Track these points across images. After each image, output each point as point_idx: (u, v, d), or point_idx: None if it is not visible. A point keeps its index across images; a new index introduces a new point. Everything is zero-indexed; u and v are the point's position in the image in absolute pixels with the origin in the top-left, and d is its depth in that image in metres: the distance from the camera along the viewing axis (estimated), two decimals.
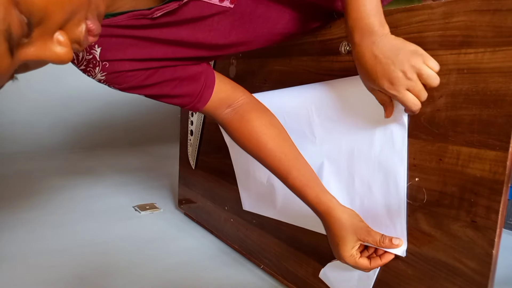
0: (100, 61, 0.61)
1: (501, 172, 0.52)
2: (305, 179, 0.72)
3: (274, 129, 0.76)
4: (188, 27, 0.63)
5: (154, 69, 0.66)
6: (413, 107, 0.56)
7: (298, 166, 0.74)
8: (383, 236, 0.65)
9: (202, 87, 0.71)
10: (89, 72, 0.63)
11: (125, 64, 0.63)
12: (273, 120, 0.78)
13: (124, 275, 1.06)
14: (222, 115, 0.76)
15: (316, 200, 0.70)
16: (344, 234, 0.67)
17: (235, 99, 0.76)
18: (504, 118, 0.52)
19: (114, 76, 0.64)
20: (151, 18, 0.58)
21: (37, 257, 1.14)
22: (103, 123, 2.82)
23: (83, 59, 0.61)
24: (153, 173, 2.13)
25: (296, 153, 0.76)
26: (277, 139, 0.75)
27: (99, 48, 0.60)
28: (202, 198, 1.34)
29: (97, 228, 1.38)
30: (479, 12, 0.54)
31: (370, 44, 0.56)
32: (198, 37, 0.64)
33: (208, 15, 0.62)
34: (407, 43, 0.55)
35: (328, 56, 0.78)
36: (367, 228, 0.67)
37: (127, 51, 0.62)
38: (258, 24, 0.70)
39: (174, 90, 0.70)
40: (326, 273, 0.82)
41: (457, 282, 0.58)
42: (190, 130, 1.37)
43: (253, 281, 1.04)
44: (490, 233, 0.54)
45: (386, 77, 0.55)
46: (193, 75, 0.71)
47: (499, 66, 0.52)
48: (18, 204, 1.57)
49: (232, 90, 0.76)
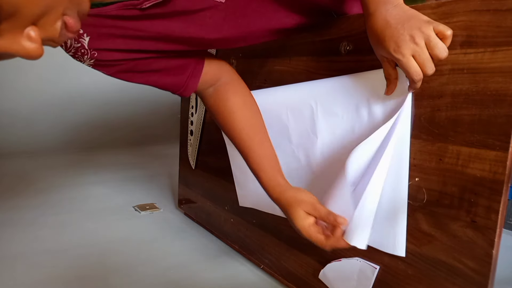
0: (89, 49, 0.62)
1: (501, 172, 0.52)
2: (264, 162, 0.75)
3: (248, 111, 0.79)
4: (179, 20, 0.62)
5: (142, 59, 0.67)
6: (415, 75, 0.54)
7: (260, 149, 0.76)
8: (328, 212, 0.64)
9: (188, 77, 0.73)
10: (78, 58, 0.64)
11: (113, 54, 0.64)
12: (248, 102, 0.80)
13: (124, 275, 1.06)
14: (204, 93, 0.79)
15: (269, 183, 0.73)
16: (292, 210, 0.68)
17: (218, 79, 0.78)
18: (504, 118, 0.52)
19: (102, 63, 0.65)
20: (140, 9, 0.58)
21: (37, 257, 1.14)
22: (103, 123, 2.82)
23: (72, 47, 0.61)
24: (153, 173, 2.13)
25: (263, 137, 0.78)
26: (247, 120, 0.78)
27: (87, 37, 0.61)
28: (202, 198, 1.34)
29: (97, 228, 1.38)
30: (479, 12, 0.54)
31: (384, 12, 0.55)
32: (190, 31, 0.64)
33: (199, 9, 0.62)
34: (421, 14, 0.55)
35: (328, 56, 0.78)
36: (313, 203, 0.67)
37: (116, 41, 0.62)
38: (251, 20, 0.69)
39: (160, 79, 0.72)
40: (326, 273, 0.82)
41: (457, 282, 0.58)
42: (190, 130, 1.37)
43: (253, 281, 1.04)
44: (490, 233, 0.54)
45: (394, 40, 0.54)
46: (180, 65, 0.72)
47: (499, 66, 0.52)
48: (18, 204, 1.57)
49: (217, 71, 0.78)
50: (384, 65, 0.61)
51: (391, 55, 0.55)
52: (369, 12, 0.57)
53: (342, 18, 0.75)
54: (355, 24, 0.72)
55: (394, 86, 0.62)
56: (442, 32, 0.52)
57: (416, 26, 0.53)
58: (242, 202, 1.09)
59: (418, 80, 0.55)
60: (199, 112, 1.29)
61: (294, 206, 0.67)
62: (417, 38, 0.52)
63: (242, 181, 1.07)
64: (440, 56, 0.53)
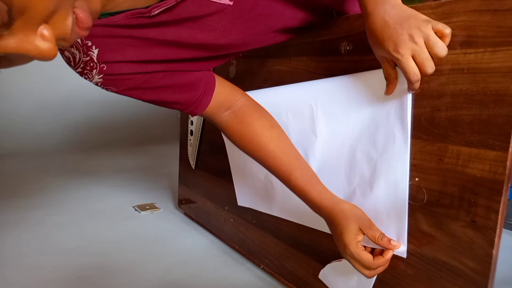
0: (98, 63, 0.60)
1: (501, 172, 0.52)
2: (308, 178, 0.73)
3: (274, 131, 0.76)
4: (187, 27, 0.62)
5: (153, 73, 0.65)
6: (412, 76, 0.54)
7: (300, 166, 0.74)
8: (382, 234, 0.65)
9: (201, 95, 0.71)
10: (86, 74, 0.61)
11: (123, 67, 0.62)
12: (272, 122, 0.78)
13: (124, 275, 1.06)
14: (221, 118, 0.76)
15: (319, 197, 0.70)
16: (347, 222, 0.66)
17: (234, 102, 0.75)
18: (504, 118, 0.52)
19: (111, 78, 0.63)
20: (149, 17, 0.57)
21: (37, 257, 1.14)
22: (103, 123, 2.82)
23: (80, 61, 0.59)
24: (153, 173, 2.13)
25: (296, 154, 0.76)
26: (277, 140, 0.75)
27: (96, 50, 0.59)
28: (202, 198, 1.34)
29: (97, 228, 1.38)
30: (479, 12, 0.54)
31: (382, 12, 0.55)
32: (198, 38, 0.64)
33: (207, 14, 0.61)
34: (419, 13, 0.54)
35: (328, 56, 0.78)
36: (370, 221, 0.67)
37: (125, 52, 0.61)
38: (258, 22, 0.69)
39: (172, 96, 0.69)
40: (326, 274, 0.82)
41: (457, 282, 0.58)
42: (190, 130, 1.37)
43: (253, 281, 1.04)
44: (490, 233, 0.54)
45: (393, 40, 0.54)
46: (192, 82, 0.70)
47: (499, 66, 0.52)
48: (18, 204, 1.57)
49: (231, 93, 0.76)
50: (384, 65, 0.61)
51: (391, 54, 0.55)
52: (367, 12, 0.57)
53: (342, 18, 0.75)
54: (355, 24, 0.72)
55: (394, 86, 0.62)
56: (441, 30, 0.52)
57: (415, 25, 0.53)
58: (241, 202, 1.09)
59: (415, 81, 0.55)
60: None
61: (351, 219, 0.66)
62: (416, 37, 0.52)
63: (241, 181, 1.07)
64: (440, 55, 0.53)
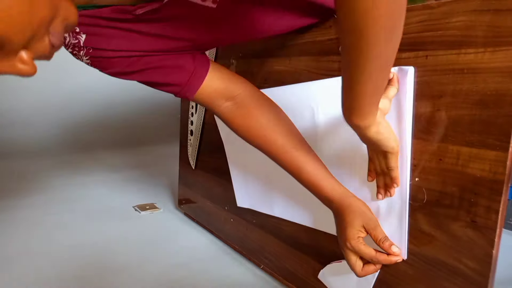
0: (84, 46, 0.64)
1: (501, 172, 0.52)
2: (320, 172, 0.71)
3: (283, 124, 0.74)
4: (171, 24, 0.64)
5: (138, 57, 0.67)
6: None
7: (311, 160, 0.72)
8: (386, 237, 0.65)
9: (190, 76, 0.71)
10: (76, 55, 0.65)
11: (108, 53, 0.65)
12: (280, 115, 0.76)
13: (124, 275, 1.06)
14: (222, 108, 0.75)
15: (332, 192, 0.69)
16: (352, 218, 0.66)
17: (234, 91, 0.74)
18: (504, 118, 0.52)
19: (98, 60, 0.66)
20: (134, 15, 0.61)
21: (37, 257, 1.14)
22: (103, 123, 2.82)
23: (69, 43, 0.64)
24: (153, 173, 2.13)
25: (307, 147, 0.74)
26: (286, 134, 0.73)
27: (84, 35, 0.63)
28: (202, 198, 1.34)
29: (97, 228, 1.38)
30: (479, 12, 0.54)
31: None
32: (181, 34, 0.66)
33: (190, 15, 0.63)
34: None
35: (328, 56, 0.78)
36: (376, 222, 0.67)
37: (111, 41, 0.64)
38: (242, 24, 0.69)
39: (162, 77, 0.71)
40: (325, 274, 0.82)
41: (457, 282, 0.58)
42: (190, 130, 1.37)
43: (253, 281, 1.04)
44: (490, 233, 0.54)
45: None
46: (182, 64, 0.71)
47: (499, 66, 0.52)
48: (18, 204, 1.57)
49: (230, 81, 0.74)
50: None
51: None
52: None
53: None
54: None
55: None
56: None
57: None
58: (240, 203, 1.09)
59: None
60: (199, 112, 1.29)
61: (357, 216, 0.66)
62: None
63: (240, 182, 1.07)
64: None
